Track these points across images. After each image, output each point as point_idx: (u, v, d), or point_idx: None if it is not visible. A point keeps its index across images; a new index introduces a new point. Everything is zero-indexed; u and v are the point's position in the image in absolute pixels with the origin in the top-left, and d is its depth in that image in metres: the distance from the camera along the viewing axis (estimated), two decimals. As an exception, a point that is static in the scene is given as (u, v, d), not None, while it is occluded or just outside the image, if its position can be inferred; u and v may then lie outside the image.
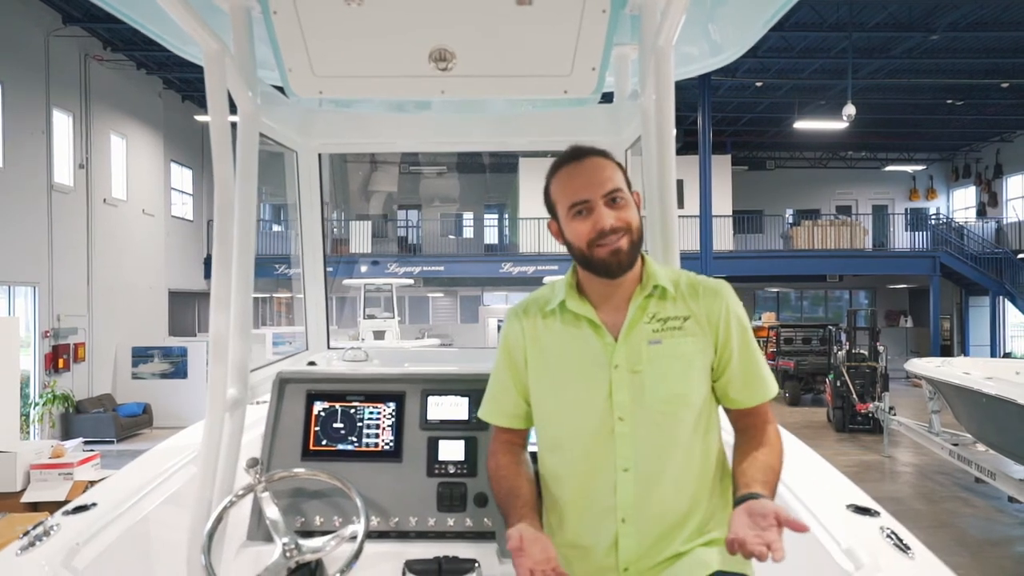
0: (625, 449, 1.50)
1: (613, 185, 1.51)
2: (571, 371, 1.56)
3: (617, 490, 1.50)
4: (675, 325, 1.54)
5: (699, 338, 1.54)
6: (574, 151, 1.57)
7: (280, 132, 2.58)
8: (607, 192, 1.50)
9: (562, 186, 1.56)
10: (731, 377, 1.56)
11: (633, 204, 1.54)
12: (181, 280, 16.93)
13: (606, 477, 1.51)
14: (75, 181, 13.21)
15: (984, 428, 7.10)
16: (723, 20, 2.34)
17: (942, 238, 20.92)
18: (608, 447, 1.51)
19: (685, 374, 1.52)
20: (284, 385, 2.26)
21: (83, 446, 8.19)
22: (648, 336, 1.53)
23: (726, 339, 1.55)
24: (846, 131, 18.56)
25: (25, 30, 11.99)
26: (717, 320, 1.55)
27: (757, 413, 1.59)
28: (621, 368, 1.51)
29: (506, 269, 20.01)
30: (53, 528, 1.85)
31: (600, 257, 1.50)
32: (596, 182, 1.51)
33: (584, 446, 1.53)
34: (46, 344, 12.16)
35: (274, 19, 2.01)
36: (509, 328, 1.66)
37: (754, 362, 1.57)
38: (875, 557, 1.70)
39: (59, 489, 6.75)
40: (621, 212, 1.50)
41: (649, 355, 1.51)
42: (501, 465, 1.64)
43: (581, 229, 1.51)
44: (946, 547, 6.20)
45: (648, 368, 1.51)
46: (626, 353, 1.52)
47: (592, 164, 1.53)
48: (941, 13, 13.46)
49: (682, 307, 1.56)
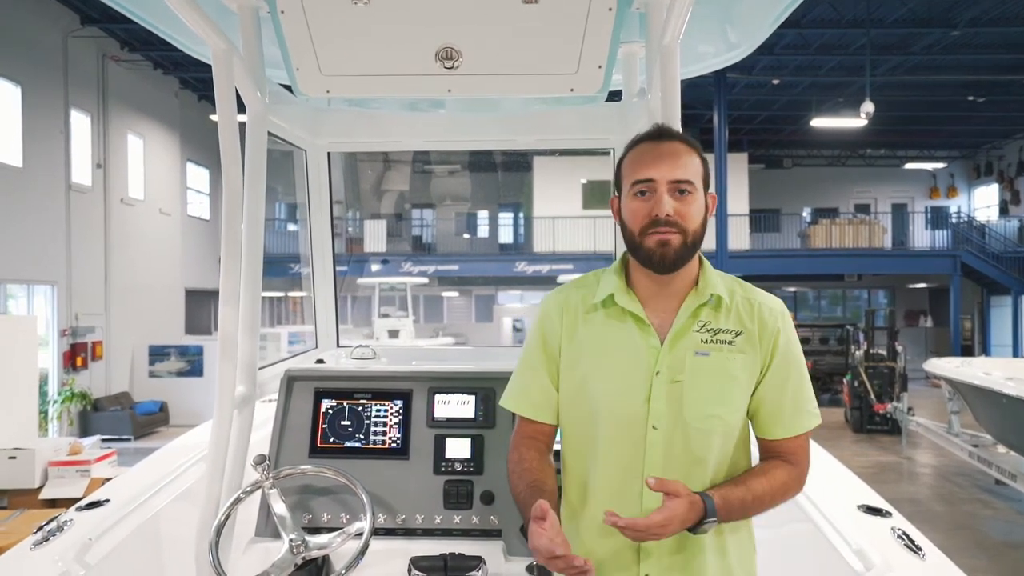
0: (654, 457, 1.43)
1: (684, 175, 1.41)
2: (608, 369, 1.47)
3: (643, 500, 1.42)
4: (726, 339, 1.45)
5: (748, 356, 1.45)
6: (657, 129, 1.48)
7: (289, 131, 2.59)
8: (675, 180, 1.40)
9: (633, 161, 1.46)
10: (760, 403, 1.47)
11: (701, 201, 1.43)
12: (197, 279, 17.08)
13: (633, 486, 1.44)
14: (93, 181, 13.36)
15: (1005, 429, 7.01)
16: (732, 17, 2.33)
17: (963, 237, 20.69)
18: (637, 453, 1.43)
19: (728, 392, 1.44)
20: (292, 383, 2.27)
21: (100, 443, 8.29)
22: (696, 346, 1.44)
23: (769, 361, 1.46)
24: (865, 129, 18.34)
25: (44, 31, 12.14)
26: (769, 340, 1.46)
27: (781, 448, 1.49)
28: (663, 375, 1.43)
29: (520, 268, 20.00)
30: (67, 524, 1.88)
31: (648, 246, 1.40)
32: (667, 166, 1.41)
33: (612, 450, 1.46)
34: (64, 342, 12.31)
35: (282, 19, 2.02)
36: (546, 315, 1.55)
37: (792, 394, 1.47)
38: (886, 558, 1.68)
39: (76, 486, 6.84)
40: (683, 206, 1.40)
41: (693, 366, 1.43)
42: (525, 458, 1.51)
43: (638, 210, 1.42)
44: (965, 549, 6.13)
45: (690, 380, 1.42)
46: (670, 360, 1.43)
47: (671, 148, 1.43)
48: (961, 8, 13.29)
49: (735, 321, 1.46)
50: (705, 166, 1.47)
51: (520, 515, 1.45)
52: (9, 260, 11.11)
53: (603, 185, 18.93)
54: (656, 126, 1.49)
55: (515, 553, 1.99)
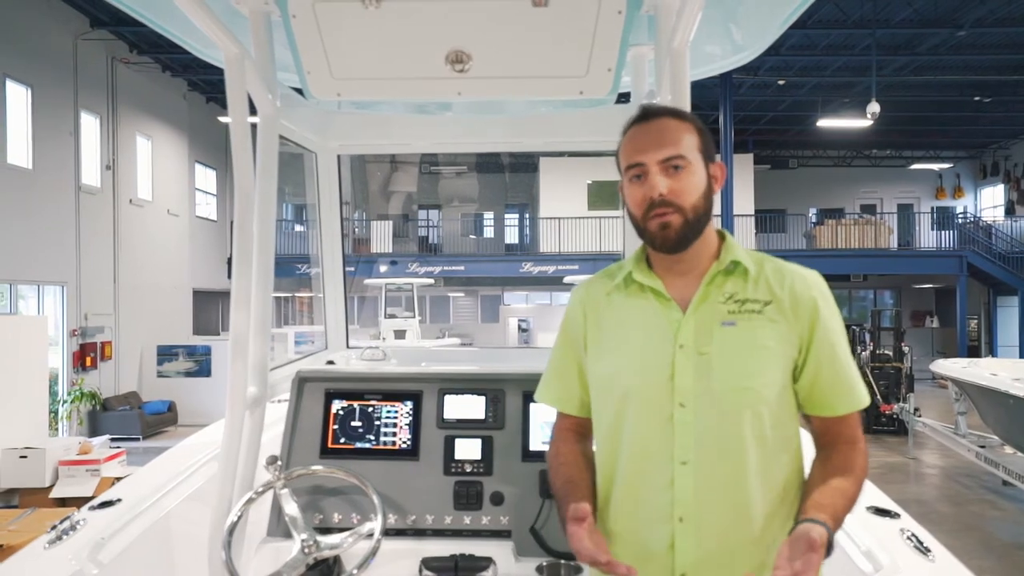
0: (685, 439, 1.34)
1: (674, 150, 1.35)
2: (631, 348, 1.41)
3: (675, 485, 1.34)
4: (754, 308, 1.36)
5: (781, 326, 1.36)
6: (643, 110, 1.42)
7: (299, 134, 2.61)
8: (665, 158, 1.35)
9: (624, 146, 1.42)
10: (814, 378, 1.38)
11: (699, 174, 1.37)
12: (205, 279, 17.13)
13: (663, 471, 1.35)
14: (102, 182, 13.43)
15: (1012, 430, 6.99)
16: (741, 19, 2.33)
17: (969, 237, 20.57)
18: (666, 436, 1.35)
19: (760, 363, 1.34)
20: (303, 384, 2.28)
21: (109, 443, 8.35)
22: (722, 316, 1.36)
23: (811, 333, 1.36)
24: (870, 129, 18.28)
25: (54, 34, 12.20)
26: (806, 311, 1.37)
27: (842, 427, 1.40)
28: (687, 348, 1.36)
29: (526, 269, 20.00)
30: (79, 523, 1.90)
31: (651, 230, 1.36)
32: (655, 144, 1.35)
33: (639, 434, 1.38)
34: (74, 342, 12.38)
35: (293, 23, 2.04)
36: (570, 305, 1.54)
37: (843, 364, 1.39)
38: (894, 559, 1.68)
39: (86, 485, 6.89)
40: (677, 182, 1.35)
41: (721, 337, 1.35)
42: (560, 453, 1.50)
43: (635, 195, 1.38)
44: (972, 550, 6.11)
45: (718, 351, 1.34)
46: (694, 331, 1.36)
47: (657, 126, 1.38)
48: (968, 8, 13.24)
49: (764, 290, 1.38)
50: (703, 136, 1.40)
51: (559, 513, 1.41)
52: (19, 261, 11.17)
53: (608, 185, 18.92)
54: (641, 107, 1.44)
55: (525, 553, 2.00)
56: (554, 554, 1.97)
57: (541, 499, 2.03)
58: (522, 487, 2.07)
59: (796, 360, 1.37)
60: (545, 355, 1.61)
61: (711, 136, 1.44)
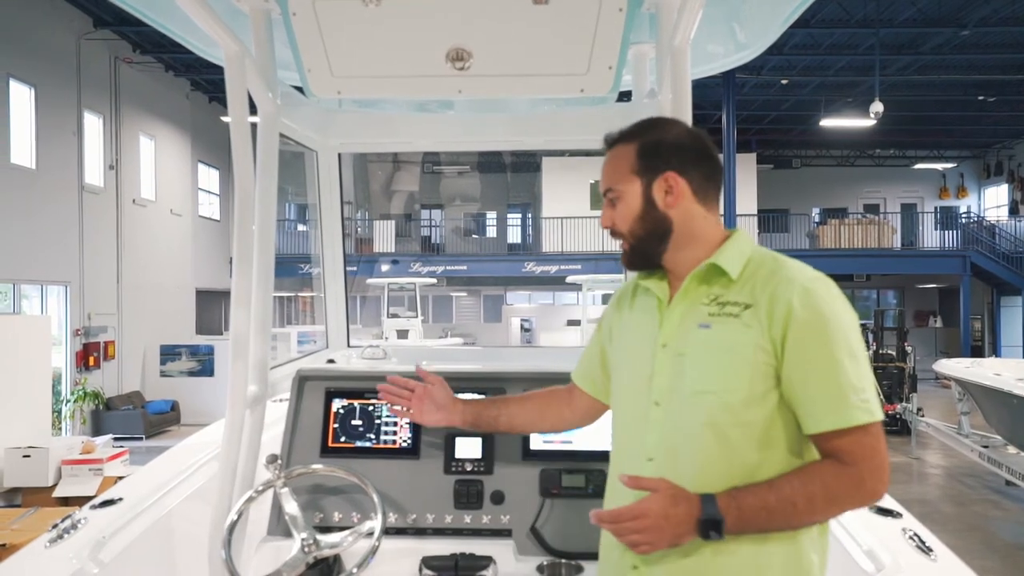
0: (653, 437, 1.38)
1: (607, 183, 1.46)
2: (630, 348, 1.51)
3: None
4: (733, 312, 1.33)
5: (754, 331, 1.30)
6: (604, 139, 1.51)
7: (300, 132, 2.61)
8: (604, 191, 1.47)
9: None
10: (790, 388, 1.29)
11: (630, 201, 1.41)
12: (208, 279, 17.17)
13: (633, 466, 1.39)
14: (105, 182, 13.46)
15: (1015, 430, 6.97)
16: (742, 18, 2.33)
17: (973, 237, 20.53)
18: (640, 433, 1.41)
19: (725, 368, 1.31)
20: (303, 382, 2.28)
21: (112, 442, 8.35)
22: (701, 318, 1.36)
23: (783, 339, 1.28)
24: (874, 129, 18.26)
25: (57, 34, 12.23)
26: (780, 315, 1.28)
27: (831, 447, 1.27)
28: (668, 348, 1.39)
29: (529, 268, 20.01)
30: (80, 522, 1.90)
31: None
32: (602, 177, 1.47)
33: (622, 429, 1.49)
34: (77, 342, 12.41)
35: (293, 21, 2.04)
36: (610, 302, 1.68)
37: (828, 376, 1.25)
38: (896, 558, 1.68)
39: (89, 484, 6.89)
40: (615, 213, 1.45)
41: (695, 338, 1.36)
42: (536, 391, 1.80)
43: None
44: (975, 550, 6.10)
45: (691, 353, 1.35)
46: (673, 333, 1.39)
47: (608, 157, 1.48)
48: (971, 8, 13.22)
49: (747, 293, 1.33)
50: (644, 153, 1.40)
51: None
52: (23, 260, 11.20)
53: (611, 185, 18.84)
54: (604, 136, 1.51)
55: (525, 553, 2.00)
56: (555, 553, 1.97)
57: (542, 498, 2.03)
58: (523, 486, 2.07)
59: (776, 367, 1.30)
60: (547, 354, 1.64)
61: (672, 144, 1.41)
